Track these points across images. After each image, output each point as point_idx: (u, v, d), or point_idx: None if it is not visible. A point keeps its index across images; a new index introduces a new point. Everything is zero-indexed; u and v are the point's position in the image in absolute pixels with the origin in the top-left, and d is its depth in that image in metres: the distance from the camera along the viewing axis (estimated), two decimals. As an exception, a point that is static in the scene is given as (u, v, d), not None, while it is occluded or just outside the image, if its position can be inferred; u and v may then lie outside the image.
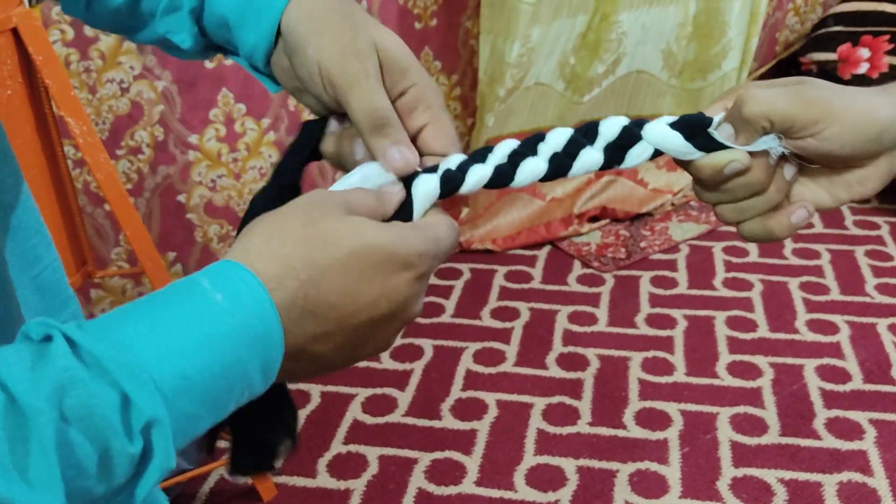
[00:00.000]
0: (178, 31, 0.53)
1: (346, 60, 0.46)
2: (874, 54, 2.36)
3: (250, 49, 0.50)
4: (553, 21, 1.99)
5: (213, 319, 0.36)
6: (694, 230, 2.26)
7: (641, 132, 0.47)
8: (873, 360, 1.75)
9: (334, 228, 0.40)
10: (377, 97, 0.46)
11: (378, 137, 0.46)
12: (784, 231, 0.47)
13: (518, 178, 0.48)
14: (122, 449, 0.33)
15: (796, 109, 0.43)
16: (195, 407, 0.35)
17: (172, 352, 0.34)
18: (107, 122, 1.64)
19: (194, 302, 0.36)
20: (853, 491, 1.44)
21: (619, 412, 1.64)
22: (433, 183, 0.47)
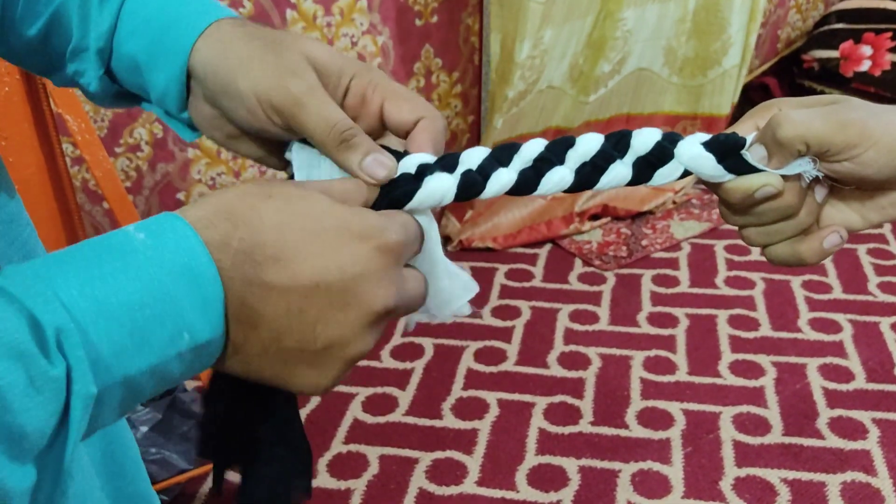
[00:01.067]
0: (85, 73, 0.49)
1: (284, 82, 0.43)
2: (876, 52, 2.35)
3: (161, 92, 0.47)
4: (566, 23, 1.98)
5: (131, 251, 0.34)
6: (696, 228, 2.26)
7: (675, 150, 0.44)
8: (876, 359, 1.75)
9: (285, 190, 0.38)
10: (331, 110, 0.43)
11: (347, 152, 0.43)
12: (815, 257, 0.45)
13: (542, 188, 0.45)
14: (43, 371, 0.30)
15: (833, 132, 0.41)
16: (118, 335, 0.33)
17: (82, 278, 0.33)
18: (105, 119, 1.63)
19: (113, 240, 0.34)
20: (857, 491, 1.43)
21: (621, 411, 1.63)
22: (448, 184, 0.43)
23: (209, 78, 0.45)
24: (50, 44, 0.49)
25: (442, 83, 2.13)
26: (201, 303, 0.35)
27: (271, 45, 0.44)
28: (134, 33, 0.47)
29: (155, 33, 0.46)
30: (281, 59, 0.44)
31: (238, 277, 0.36)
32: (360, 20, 1.87)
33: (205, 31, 0.45)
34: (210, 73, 0.44)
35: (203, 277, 0.35)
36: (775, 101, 0.45)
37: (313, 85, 0.43)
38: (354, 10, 1.86)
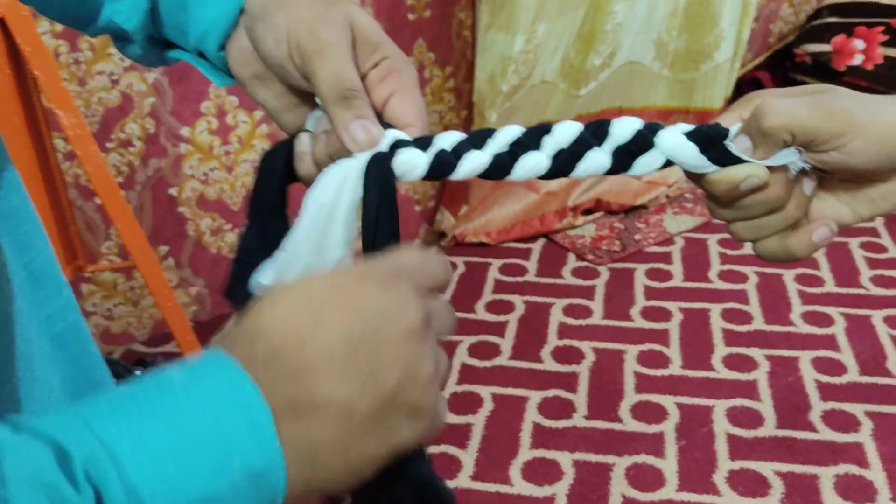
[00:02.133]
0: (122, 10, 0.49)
1: (317, 27, 0.44)
2: (869, 45, 2.35)
3: (205, 29, 0.47)
4: (559, 17, 1.98)
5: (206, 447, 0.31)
6: (689, 222, 2.26)
7: (655, 139, 0.43)
8: (868, 352, 1.75)
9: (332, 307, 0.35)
10: (346, 68, 0.44)
11: (342, 109, 0.43)
12: (805, 251, 0.44)
13: (516, 173, 0.44)
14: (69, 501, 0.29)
15: (819, 121, 0.40)
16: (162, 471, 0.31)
17: (116, 413, 0.31)
18: (97, 114, 1.62)
19: (189, 417, 0.31)
20: (850, 483, 1.43)
21: (615, 405, 1.63)
22: (420, 161, 0.43)
23: (257, 4, 0.45)
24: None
25: (435, 78, 2.12)
26: (257, 492, 0.32)
27: None
28: None
29: None
30: (327, 9, 0.44)
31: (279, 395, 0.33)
32: (352, 14, 1.87)
33: None
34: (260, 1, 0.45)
35: (271, 478, 0.32)
36: (759, 93, 0.44)
37: (342, 41, 0.44)
38: (347, 5, 1.85)
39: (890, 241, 2.14)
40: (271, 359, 0.33)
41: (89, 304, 1.76)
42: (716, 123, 0.44)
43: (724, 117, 0.44)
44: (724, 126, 0.43)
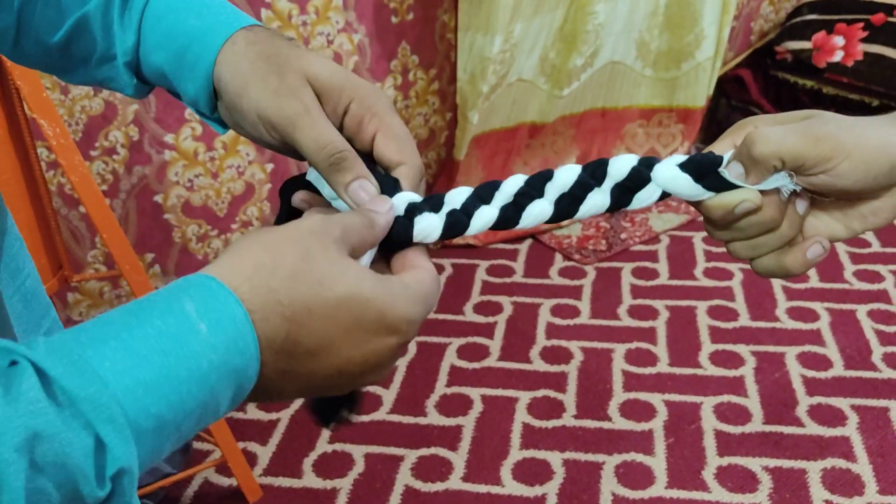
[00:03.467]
0: (116, 80, 0.52)
1: (280, 103, 0.45)
2: (848, 42, 2.37)
3: (192, 98, 0.49)
4: (535, 16, 1.99)
5: (196, 354, 0.34)
6: (674, 220, 2.27)
7: (651, 174, 0.46)
8: (854, 346, 1.77)
9: (330, 271, 0.38)
10: (323, 131, 0.45)
11: (335, 174, 0.45)
12: (799, 267, 0.46)
13: (523, 222, 0.47)
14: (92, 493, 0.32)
15: (806, 147, 0.42)
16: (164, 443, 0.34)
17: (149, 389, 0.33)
18: (80, 122, 1.61)
19: (178, 331, 0.34)
20: (837, 477, 1.45)
21: (604, 404, 1.64)
22: (435, 224, 0.46)
23: (223, 93, 0.47)
24: (71, 51, 0.51)
25: (419, 80, 2.13)
26: (234, 396, 0.37)
27: (274, 66, 0.46)
28: (158, 47, 0.49)
29: (177, 49, 0.48)
30: (281, 80, 0.45)
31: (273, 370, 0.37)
32: (335, 18, 1.87)
33: (222, 47, 0.47)
34: (223, 89, 0.47)
35: (246, 375, 0.36)
36: (751, 120, 0.46)
37: (309, 106, 0.45)
38: (330, 9, 1.85)
39: (873, 237, 2.16)
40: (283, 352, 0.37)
41: (76, 314, 1.75)
42: (709, 152, 0.46)
43: (718, 144, 0.47)
44: (717, 153, 0.46)
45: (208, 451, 1.56)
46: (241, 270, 0.37)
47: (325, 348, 0.38)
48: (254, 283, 0.36)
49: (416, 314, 0.40)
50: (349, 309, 0.38)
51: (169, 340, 0.34)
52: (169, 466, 1.38)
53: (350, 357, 0.39)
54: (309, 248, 0.38)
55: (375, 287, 0.39)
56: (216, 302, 0.35)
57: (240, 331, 0.35)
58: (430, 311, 0.42)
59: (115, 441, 0.31)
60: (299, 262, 0.37)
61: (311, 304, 0.37)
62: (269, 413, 1.65)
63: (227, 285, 0.36)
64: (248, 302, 0.36)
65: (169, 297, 0.35)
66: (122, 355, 0.33)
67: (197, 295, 0.35)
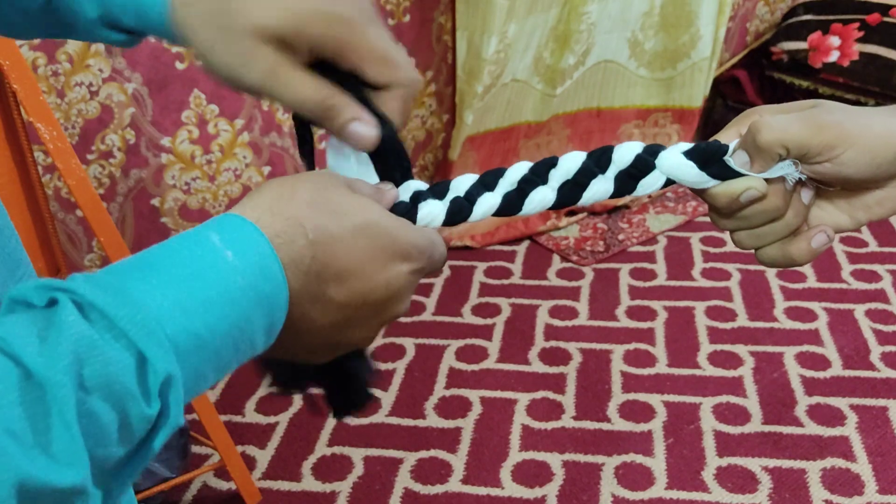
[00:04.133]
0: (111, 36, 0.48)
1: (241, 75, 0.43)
2: (844, 42, 2.38)
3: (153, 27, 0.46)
4: (528, 16, 1.99)
5: (225, 278, 0.35)
6: (671, 221, 2.27)
7: (655, 161, 0.46)
8: (852, 345, 1.77)
9: (344, 201, 0.40)
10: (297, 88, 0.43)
11: (328, 123, 0.45)
12: (804, 257, 0.46)
13: (526, 208, 0.47)
14: (141, 412, 0.33)
15: (811, 135, 0.42)
16: (203, 365, 0.35)
17: (185, 309, 0.34)
18: (76, 126, 1.61)
19: (206, 258, 0.36)
20: (837, 477, 1.45)
21: (603, 405, 1.64)
22: (438, 211, 0.46)
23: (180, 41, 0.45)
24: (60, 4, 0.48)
25: (416, 82, 2.12)
26: (268, 325, 0.38)
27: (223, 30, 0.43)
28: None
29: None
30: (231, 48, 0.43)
31: (304, 296, 0.39)
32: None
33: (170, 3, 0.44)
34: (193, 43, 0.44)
35: (277, 302, 0.38)
36: (756, 109, 0.46)
37: (271, 67, 0.43)
38: (326, 11, 1.85)
39: (870, 236, 2.17)
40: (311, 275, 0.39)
41: (73, 318, 1.74)
42: (714, 140, 0.46)
43: (723, 134, 0.47)
44: (722, 142, 0.46)
45: (207, 454, 1.55)
46: (261, 202, 0.39)
47: (350, 272, 0.39)
48: (274, 211, 0.38)
49: (424, 244, 0.42)
50: (366, 235, 0.40)
51: (199, 265, 0.35)
52: (167, 470, 1.37)
53: (374, 283, 0.40)
54: (323, 183, 0.40)
55: (384, 215, 0.41)
56: (239, 232, 0.37)
57: (264, 256, 0.37)
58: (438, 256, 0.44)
59: (157, 354, 0.32)
60: (315, 193, 0.39)
61: (331, 229, 0.39)
62: (268, 416, 1.65)
63: (249, 218, 0.38)
64: (270, 228, 0.37)
65: (195, 232, 0.37)
66: (157, 280, 0.34)
67: (221, 227, 0.37)
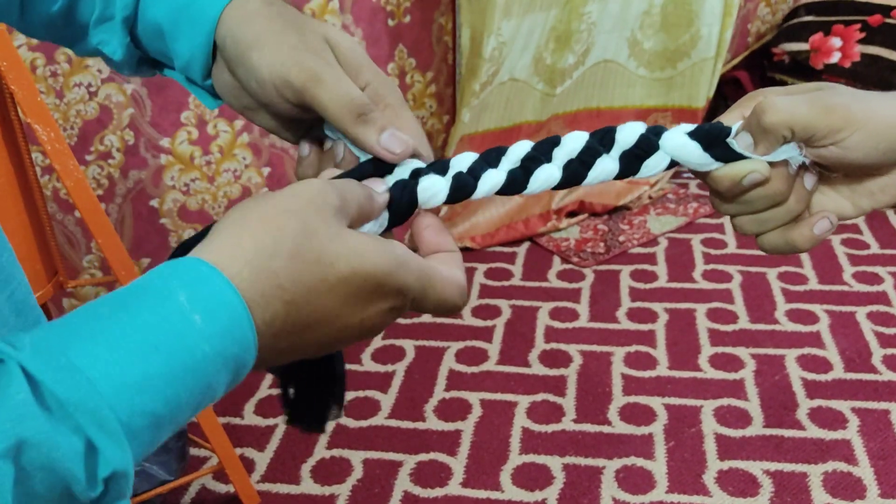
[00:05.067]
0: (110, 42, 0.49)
1: (301, 58, 0.43)
2: (846, 43, 2.37)
3: (186, 60, 0.47)
4: (526, 15, 1.98)
5: (191, 348, 0.33)
6: (672, 223, 2.27)
7: (659, 142, 0.45)
8: (853, 348, 1.76)
9: (329, 248, 0.37)
10: (348, 85, 0.43)
11: (364, 127, 0.43)
12: (807, 243, 0.45)
13: (531, 187, 0.46)
14: (83, 494, 0.31)
15: (817, 117, 0.41)
16: (160, 437, 0.34)
17: (142, 389, 0.32)
18: (75, 127, 1.60)
19: (170, 324, 0.32)
20: (839, 480, 1.44)
21: (604, 408, 1.63)
22: (440, 186, 0.45)
23: (228, 47, 0.45)
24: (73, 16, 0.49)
25: (416, 83, 2.12)
26: (230, 382, 0.36)
27: (294, 25, 0.44)
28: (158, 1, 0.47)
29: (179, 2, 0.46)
30: (302, 38, 0.44)
31: (271, 351, 0.37)
32: (332, 21, 1.86)
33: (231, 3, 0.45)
34: (230, 42, 0.45)
35: (244, 362, 0.35)
36: (760, 91, 0.45)
37: (332, 62, 0.44)
38: (326, 12, 1.84)
39: (871, 238, 2.16)
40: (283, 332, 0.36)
41: (71, 319, 1.74)
42: (717, 122, 0.45)
43: (726, 116, 0.46)
44: (725, 124, 0.45)
45: (205, 457, 1.54)
46: (241, 254, 0.35)
47: (323, 321, 0.37)
48: (254, 267, 0.35)
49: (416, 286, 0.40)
50: (348, 284, 0.37)
51: (161, 335, 0.32)
52: (165, 473, 1.37)
53: (347, 324, 0.38)
54: (308, 222, 0.37)
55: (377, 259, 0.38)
56: (210, 290, 0.34)
57: (236, 320, 0.34)
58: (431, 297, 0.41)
59: (107, 445, 0.31)
60: (300, 238, 0.36)
61: (311, 284, 0.36)
62: (267, 419, 1.64)
63: (226, 271, 0.34)
64: (249, 290, 0.35)
65: (160, 286, 0.34)
66: (112, 355, 0.31)
67: (190, 283, 0.34)
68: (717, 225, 2.27)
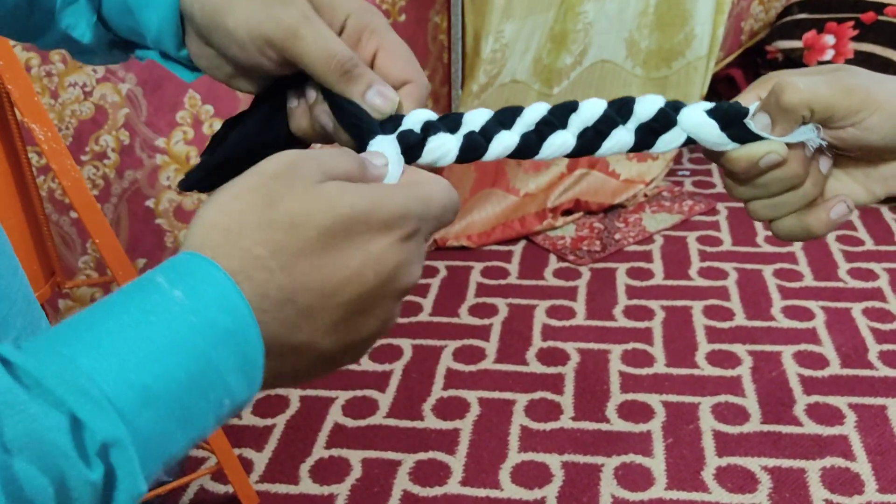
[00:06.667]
0: (77, 24, 0.47)
1: (275, 13, 0.41)
2: (839, 41, 2.38)
3: (156, 32, 0.45)
4: (527, 17, 1.98)
5: (173, 319, 0.31)
6: (667, 220, 2.27)
7: (678, 117, 0.44)
8: (850, 344, 1.77)
9: (301, 207, 0.34)
10: (329, 39, 0.42)
11: (348, 84, 0.42)
12: (823, 228, 0.44)
13: (544, 152, 0.44)
14: (80, 476, 0.28)
15: (837, 97, 0.41)
16: (164, 421, 0.31)
17: (126, 361, 0.30)
18: (70, 127, 1.59)
19: (149, 302, 0.31)
20: (837, 476, 1.44)
21: (602, 406, 1.63)
22: (450, 145, 0.43)
23: (197, 15, 0.43)
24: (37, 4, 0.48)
25: (411, 82, 2.12)
26: (242, 366, 0.33)
27: None
28: None
29: None
30: None
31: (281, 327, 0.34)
32: (327, 20, 1.86)
33: None
34: (198, 10, 0.43)
35: (246, 337, 0.32)
36: (776, 73, 0.44)
37: (307, 13, 0.42)
38: (321, 11, 1.84)
39: (866, 234, 2.17)
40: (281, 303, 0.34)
41: (67, 320, 1.73)
42: (735, 102, 0.44)
43: (743, 97, 0.45)
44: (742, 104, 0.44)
45: (204, 457, 1.54)
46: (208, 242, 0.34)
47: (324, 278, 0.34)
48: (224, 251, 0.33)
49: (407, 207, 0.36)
50: (333, 233, 0.34)
51: (140, 312, 0.31)
52: (163, 474, 1.36)
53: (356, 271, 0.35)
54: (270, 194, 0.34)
55: (353, 198, 0.35)
56: (189, 268, 0.32)
57: (221, 289, 0.32)
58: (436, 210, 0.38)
59: (91, 414, 0.29)
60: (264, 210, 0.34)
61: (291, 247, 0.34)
62: (265, 419, 1.64)
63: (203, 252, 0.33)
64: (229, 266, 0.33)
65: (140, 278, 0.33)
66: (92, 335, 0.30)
67: (168, 269, 0.32)
68: (713, 222, 2.27)
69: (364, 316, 0.36)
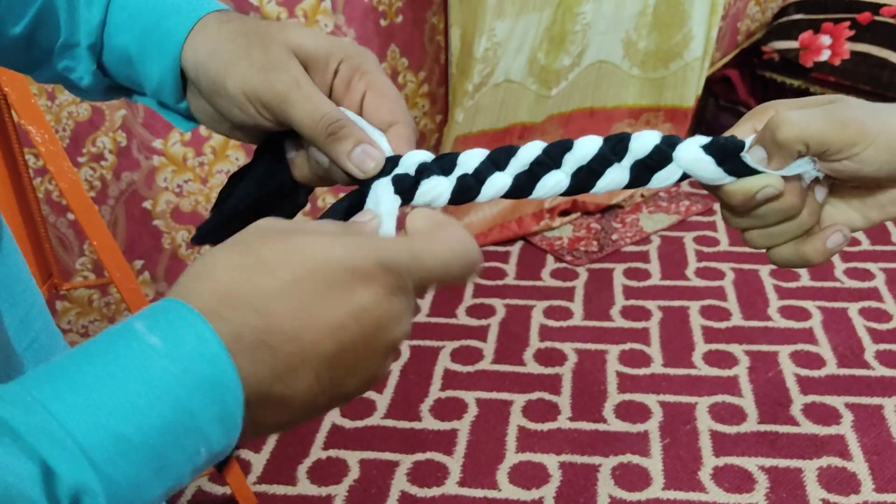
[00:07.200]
0: (76, 68, 0.49)
1: (269, 78, 0.43)
2: (835, 41, 2.38)
3: (157, 84, 0.47)
4: (520, 16, 1.98)
5: (150, 367, 0.30)
6: (665, 221, 2.27)
7: (673, 153, 0.44)
8: (846, 344, 1.77)
9: (275, 251, 0.34)
10: (317, 102, 0.44)
11: (336, 144, 0.44)
12: (819, 257, 0.45)
13: (537, 192, 0.45)
14: None
15: (832, 132, 0.41)
16: (138, 469, 0.30)
17: (100, 408, 0.29)
18: (67, 128, 1.59)
19: (127, 349, 0.31)
20: (833, 476, 1.45)
21: (599, 406, 1.64)
22: (443, 187, 0.44)
23: (201, 79, 0.45)
24: (36, 41, 0.49)
25: (409, 83, 2.12)
26: (220, 414, 0.32)
27: (256, 40, 0.44)
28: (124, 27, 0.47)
29: (145, 27, 0.46)
30: (266, 54, 0.44)
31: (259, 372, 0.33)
32: (324, 21, 1.86)
33: (193, 28, 0.45)
34: (201, 74, 0.45)
35: (225, 386, 0.32)
36: (771, 104, 0.45)
37: (298, 78, 0.44)
38: (318, 12, 1.84)
39: (862, 234, 2.17)
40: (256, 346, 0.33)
41: (64, 322, 1.73)
42: (731, 136, 0.45)
43: (738, 129, 0.45)
44: (738, 138, 0.44)
45: (201, 459, 1.54)
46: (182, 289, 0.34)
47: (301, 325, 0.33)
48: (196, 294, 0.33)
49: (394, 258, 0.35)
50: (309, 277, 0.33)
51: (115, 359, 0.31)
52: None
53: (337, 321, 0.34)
54: (247, 245, 0.34)
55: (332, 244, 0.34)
56: (168, 315, 0.32)
57: (199, 335, 0.31)
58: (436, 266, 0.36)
59: (63, 463, 0.28)
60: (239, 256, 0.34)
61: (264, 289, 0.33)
62: (263, 420, 1.64)
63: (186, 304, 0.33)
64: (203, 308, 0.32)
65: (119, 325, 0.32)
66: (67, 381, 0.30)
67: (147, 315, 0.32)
68: (710, 223, 2.28)
69: (347, 370, 0.35)
